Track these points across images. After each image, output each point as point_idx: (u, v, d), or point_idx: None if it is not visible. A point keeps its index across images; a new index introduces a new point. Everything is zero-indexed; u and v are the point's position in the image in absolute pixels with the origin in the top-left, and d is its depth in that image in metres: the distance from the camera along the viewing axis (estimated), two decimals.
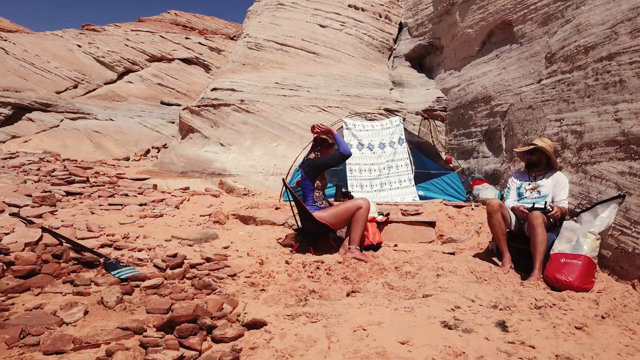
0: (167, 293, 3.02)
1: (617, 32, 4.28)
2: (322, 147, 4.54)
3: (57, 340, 2.27)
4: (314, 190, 4.44)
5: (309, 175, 4.42)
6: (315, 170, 4.43)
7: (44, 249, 3.83)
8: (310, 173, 4.42)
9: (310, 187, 4.44)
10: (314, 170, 4.43)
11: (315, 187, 4.44)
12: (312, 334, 2.44)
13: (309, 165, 4.44)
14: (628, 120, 3.77)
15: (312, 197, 4.42)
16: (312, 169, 4.42)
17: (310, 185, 4.43)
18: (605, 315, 2.79)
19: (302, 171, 4.51)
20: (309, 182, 4.43)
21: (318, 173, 4.46)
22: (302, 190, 4.51)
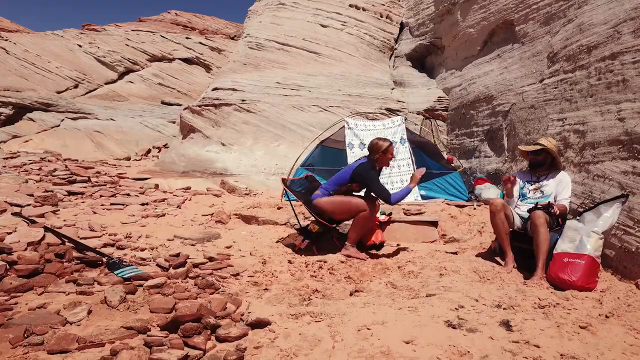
0: (170, 292, 3.02)
1: (620, 31, 4.28)
2: (381, 154, 4.26)
3: (61, 340, 2.27)
4: (339, 187, 4.31)
5: (356, 177, 4.24)
6: (362, 181, 4.27)
7: (47, 248, 3.83)
8: (357, 175, 4.23)
9: (340, 182, 4.30)
10: (361, 180, 4.25)
11: (342, 189, 4.31)
12: (316, 333, 2.44)
13: (364, 173, 4.19)
14: (631, 119, 3.76)
15: (331, 189, 4.29)
16: (361, 177, 4.23)
17: (342, 181, 4.30)
18: (609, 315, 2.79)
19: (353, 170, 4.26)
20: (346, 180, 4.28)
21: (360, 185, 4.34)
22: (330, 181, 4.39)
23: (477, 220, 5.16)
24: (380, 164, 4.35)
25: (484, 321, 2.66)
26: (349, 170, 4.30)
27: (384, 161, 4.31)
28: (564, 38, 5.40)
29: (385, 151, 4.22)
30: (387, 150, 4.22)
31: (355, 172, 4.22)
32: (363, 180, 4.25)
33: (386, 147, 4.23)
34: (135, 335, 2.37)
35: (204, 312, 2.53)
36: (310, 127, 9.28)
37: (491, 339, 2.41)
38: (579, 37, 4.99)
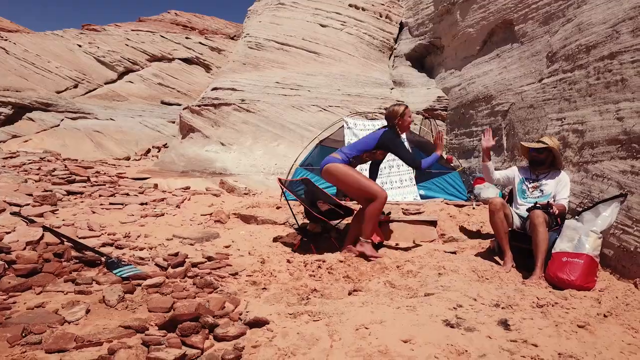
0: (168, 292, 3.02)
1: (619, 30, 4.28)
2: (399, 119, 4.16)
3: (59, 339, 2.27)
4: (362, 153, 4.17)
5: (382, 145, 4.13)
6: (388, 148, 4.17)
7: (45, 248, 3.83)
8: (383, 144, 4.13)
9: (364, 149, 4.18)
10: (387, 147, 4.16)
11: (364, 155, 4.20)
12: (314, 332, 2.44)
13: (390, 141, 4.10)
14: (630, 119, 3.76)
15: (352, 155, 4.13)
16: (387, 145, 4.13)
17: (366, 148, 4.17)
18: (608, 314, 2.79)
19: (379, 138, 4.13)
20: (370, 147, 4.16)
21: (384, 153, 4.27)
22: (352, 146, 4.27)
23: (476, 219, 5.17)
24: (402, 130, 4.21)
25: (482, 320, 2.66)
26: (373, 138, 4.17)
27: (404, 126, 4.20)
28: (563, 38, 5.40)
29: (402, 115, 4.14)
30: (404, 114, 4.14)
31: (381, 141, 4.11)
32: (389, 148, 4.16)
33: (402, 110, 4.16)
34: (133, 334, 2.37)
35: (202, 312, 2.53)
36: (310, 127, 9.28)
37: (489, 338, 2.41)
38: (578, 37, 4.99)
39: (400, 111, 4.17)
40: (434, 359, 2.18)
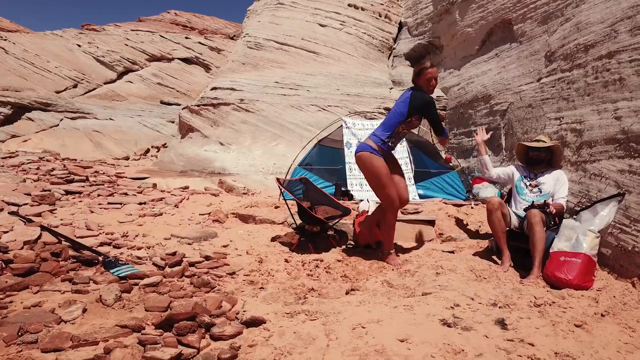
0: (165, 291, 3.01)
1: (617, 30, 4.28)
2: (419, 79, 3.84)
3: (55, 338, 2.26)
4: (396, 127, 3.83)
5: (414, 109, 3.78)
6: (421, 110, 3.82)
7: (43, 247, 3.82)
8: (414, 106, 3.78)
9: (397, 122, 3.82)
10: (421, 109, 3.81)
11: (400, 129, 3.86)
12: (311, 331, 2.44)
13: (422, 101, 3.77)
14: (628, 118, 3.76)
15: (387, 135, 3.83)
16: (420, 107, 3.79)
17: (400, 119, 3.81)
18: (605, 313, 2.79)
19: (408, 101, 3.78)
20: (404, 114, 3.79)
21: (420, 117, 3.91)
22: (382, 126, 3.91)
23: (474, 219, 5.16)
24: (425, 90, 3.81)
25: (479, 320, 2.65)
26: (403, 103, 3.80)
27: (426, 84, 3.79)
28: (561, 37, 5.40)
29: (418, 73, 3.81)
30: (421, 73, 3.78)
31: (412, 103, 3.76)
32: (421, 109, 3.79)
33: (418, 69, 3.82)
34: (130, 333, 2.37)
35: (198, 311, 2.53)
36: (309, 127, 9.27)
37: (486, 337, 2.41)
38: (577, 36, 4.98)
39: (416, 70, 3.85)
40: (430, 358, 2.18)
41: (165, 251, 3.91)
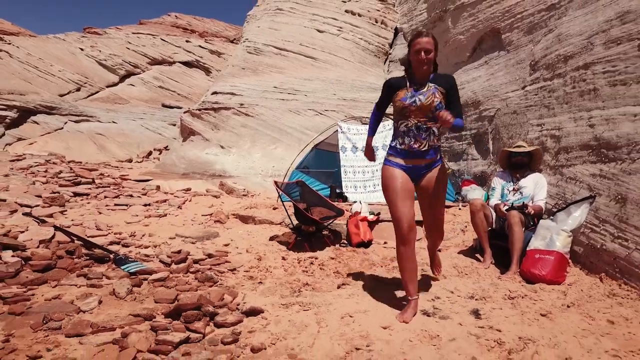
0: (172, 285, 3.30)
1: (593, 42, 4.55)
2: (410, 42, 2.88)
3: (76, 325, 2.54)
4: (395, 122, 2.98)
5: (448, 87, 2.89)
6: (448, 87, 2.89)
7: (57, 246, 4.10)
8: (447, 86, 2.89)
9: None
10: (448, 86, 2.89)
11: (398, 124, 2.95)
12: (304, 320, 2.72)
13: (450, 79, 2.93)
14: (600, 126, 4.04)
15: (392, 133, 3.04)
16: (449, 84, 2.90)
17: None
18: (571, 305, 3.06)
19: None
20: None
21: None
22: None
23: (461, 220, 5.44)
24: (414, 64, 2.86)
25: (457, 310, 2.94)
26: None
27: (414, 59, 2.84)
28: (544, 47, 5.68)
29: (408, 46, 2.90)
30: (409, 46, 2.86)
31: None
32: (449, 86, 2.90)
33: (409, 42, 2.89)
34: (142, 321, 2.64)
35: (203, 302, 2.81)
36: (306, 131, 9.55)
37: (460, 325, 2.69)
38: (558, 47, 5.27)
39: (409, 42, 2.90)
40: (408, 342, 2.46)
41: (171, 249, 4.20)
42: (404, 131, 2.90)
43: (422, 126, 2.85)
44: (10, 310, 2.76)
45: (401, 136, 2.92)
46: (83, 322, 2.58)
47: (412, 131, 2.87)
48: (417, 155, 2.92)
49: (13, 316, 2.70)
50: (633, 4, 4.22)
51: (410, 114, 2.85)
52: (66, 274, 3.52)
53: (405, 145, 2.91)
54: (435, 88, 2.84)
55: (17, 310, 2.76)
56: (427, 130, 2.87)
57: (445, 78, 2.93)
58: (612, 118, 3.93)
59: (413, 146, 2.89)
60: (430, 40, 2.82)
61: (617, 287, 3.37)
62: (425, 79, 2.88)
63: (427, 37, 2.82)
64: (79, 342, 2.37)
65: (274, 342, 2.43)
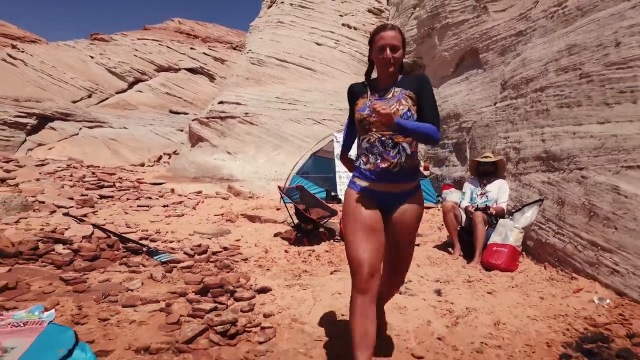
0: (197, 271, 4.02)
1: (548, 69, 5.29)
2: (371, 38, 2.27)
3: (129, 299, 3.27)
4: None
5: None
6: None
7: (97, 240, 4.83)
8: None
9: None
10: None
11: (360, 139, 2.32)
12: (303, 296, 3.45)
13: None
14: (549, 141, 4.78)
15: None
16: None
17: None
18: (514, 286, 3.80)
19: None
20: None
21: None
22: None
23: (439, 219, 6.18)
24: (377, 67, 2.28)
25: (423, 290, 3.67)
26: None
27: (376, 58, 2.24)
28: (512, 69, 6.42)
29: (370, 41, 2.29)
30: (372, 43, 2.26)
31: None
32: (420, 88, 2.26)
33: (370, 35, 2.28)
34: (178, 297, 3.37)
35: (224, 283, 3.54)
36: (306, 138, 10.29)
37: (424, 300, 3.42)
38: (522, 70, 6.00)
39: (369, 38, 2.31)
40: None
41: (192, 244, 4.93)
42: (367, 148, 2.22)
43: (387, 141, 2.17)
44: (74, 289, 3.48)
45: (364, 154, 2.24)
46: (133, 297, 3.31)
47: (376, 147, 2.19)
48: (387, 178, 2.21)
49: (77, 293, 3.43)
50: (578, 38, 4.97)
51: (371, 126, 2.20)
52: (110, 263, 4.25)
53: (370, 165, 2.21)
54: (402, 93, 2.21)
55: (80, 289, 3.49)
56: (395, 147, 2.17)
57: (415, 79, 2.27)
58: (558, 135, 4.67)
59: (380, 166, 2.18)
60: (397, 35, 2.19)
61: (556, 273, 4.11)
62: (391, 83, 2.26)
63: (392, 30, 2.20)
64: (134, 310, 3.10)
65: (280, 311, 3.16)
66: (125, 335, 2.69)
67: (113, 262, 4.26)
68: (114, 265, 4.17)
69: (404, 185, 2.27)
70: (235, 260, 4.40)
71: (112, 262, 4.26)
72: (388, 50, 2.17)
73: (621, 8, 4.49)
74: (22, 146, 13.27)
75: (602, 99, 4.26)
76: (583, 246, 3.90)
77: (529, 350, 2.61)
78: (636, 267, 3.35)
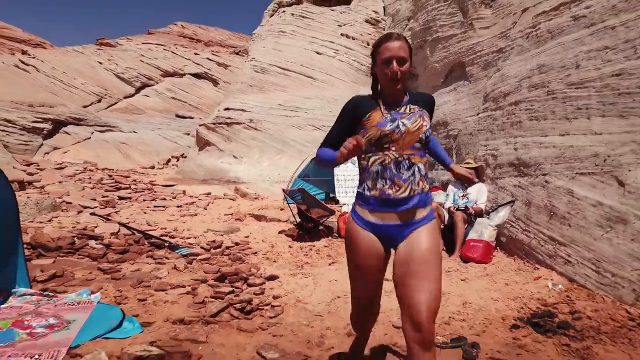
0: (214, 263, 4.62)
1: (521, 85, 5.88)
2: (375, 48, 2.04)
3: (160, 284, 3.86)
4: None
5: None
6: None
7: (124, 237, 5.43)
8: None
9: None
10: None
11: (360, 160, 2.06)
12: (305, 282, 4.04)
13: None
14: (521, 149, 5.37)
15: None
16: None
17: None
18: (485, 275, 4.40)
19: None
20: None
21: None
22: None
23: None
24: (382, 84, 2.05)
25: None
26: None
27: (383, 75, 1.98)
28: (493, 83, 7.01)
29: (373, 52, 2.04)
30: (376, 52, 2.00)
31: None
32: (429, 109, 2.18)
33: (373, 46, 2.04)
34: (200, 283, 3.95)
35: (239, 271, 4.13)
36: (306, 144, 10.88)
37: None
38: (501, 85, 6.59)
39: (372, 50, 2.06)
40: None
41: (207, 240, 5.52)
42: (378, 171, 1.94)
43: (404, 162, 1.92)
44: (112, 277, 4.08)
45: (372, 178, 1.95)
46: (163, 283, 3.90)
47: (389, 170, 1.92)
48: (392, 206, 1.92)
49: (115, 280, 4.02)
50: (547, 58, 5.56)
51: (391, 144, 1.92)
52: (137, 256, 4.84)
53: (376, 191, 1.94)
54: (419, 109, 2.03)
55: (116, 277, 4.08)
56: (411, 168, 1.93)
57: (425, 100, 2.11)
58: (527, 144, 5.27)
59: (386, 192, 1.92)
60: (404, 45, 1.92)
61: (522, 264, 4.70)
62: (400, 99, 2.03)
63: (398, 40, 1.92)
64: (165, 293, 3.69)
65: (286, 294, 3.75)
66: (161, 311, 3.28)
67: (140, 255, 4.86)
68: (142, 258, 4.76)
69: (414, 212, 1.91)
70: (246, 254, 4.99)
71: (140, 255, 4.85)
72: (395, 64, 1.88)
73: (581, 34, 5.10)
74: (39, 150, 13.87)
75: (563, 114, 4.87)
76: (544, 241, 4.50)
77: (487, 322, 3.20)
78: (584, 258, 3.95)
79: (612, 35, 4.62)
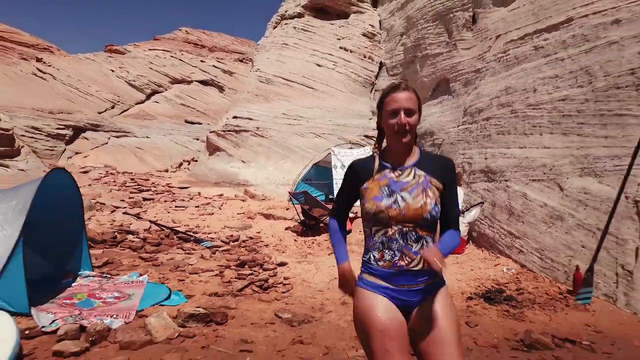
0: (234, 253, 5.48)
1: (492, 103, 6.76)
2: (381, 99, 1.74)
3: (193, 269, 4.72)
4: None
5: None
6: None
7: (155, 232, 6.29)
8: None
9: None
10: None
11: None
12: (309, 268, 4.91)
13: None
14: (489, 159, 6.25)
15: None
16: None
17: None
18: (457, 263, 5.27)
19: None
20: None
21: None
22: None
23: None
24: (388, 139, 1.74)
25: None
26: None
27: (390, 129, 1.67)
28: (470, 99, 7.88)
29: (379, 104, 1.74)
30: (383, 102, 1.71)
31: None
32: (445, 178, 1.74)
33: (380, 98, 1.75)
34: (225, 268, 4.82)
35: (255, 259, 5.01)
36: (308, 150, 11.74)
37: None
38: (476, 101, 7.46)
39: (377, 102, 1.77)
40: None
41: (225, 235, 6.39)
42: (383, 242, 1.67)
43: (410, 234, 1.63)
44: (152, 264, 4.94)
45: (378, 248, 1.68)
46: (195, 268, 4.77)
47: (396, 241, 1.65)
48: (406, 278, 1.64)
49: (155, 266, 4.88)
50: (513, 82, 6.44)
51: (390, 220, 1.64)
52: (169, 248, 5.71)
53: (385, 263, 1.66)
54: (427, 180, 1.67)
55: (156, 264, 4.95)
56: (419, 241, 1.64)
57: (441, 165, 1.73)
58: (495, 155, 6.14)
59: (398, 263, 1.63)
60: (412, 96, 1.70)
61: (488, 255, 5.58)
62: (406, 159, 1.72)
63: (406, 91, 1.70)
64: (198, 275, 4.55)
65: (294, 276, 4.62)
66: (198, 288, 4.14)
67: (171, 247, 5.73)
68: (173, 249, 5.63)
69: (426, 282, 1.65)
70: (259, 246, 5.86)
71: (171, 247, 5.72)
72: (402, 115, 1.64)
73: (539, 62, 5.98)
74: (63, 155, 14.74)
75: (522, 130, 5.74)
76: (505, 235, 5.38)
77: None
78: (532, 248, 4.83)
79: (561, 65, 5.51)
